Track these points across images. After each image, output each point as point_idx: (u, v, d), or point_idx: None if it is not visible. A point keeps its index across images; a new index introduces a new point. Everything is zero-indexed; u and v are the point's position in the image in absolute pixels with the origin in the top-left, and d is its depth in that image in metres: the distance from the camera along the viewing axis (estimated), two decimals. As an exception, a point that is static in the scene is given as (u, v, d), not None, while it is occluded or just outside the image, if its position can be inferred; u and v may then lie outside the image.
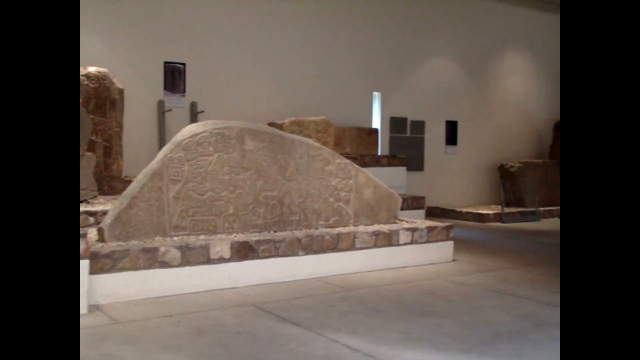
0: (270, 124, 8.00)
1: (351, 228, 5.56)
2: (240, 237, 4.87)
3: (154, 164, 4.73)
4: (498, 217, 9.98)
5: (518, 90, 12.35)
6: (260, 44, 8.92)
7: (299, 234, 5.12)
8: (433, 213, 10.48)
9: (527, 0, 12.23)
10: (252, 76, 8.87)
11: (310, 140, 5.65)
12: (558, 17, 12.74)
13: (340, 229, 5.46)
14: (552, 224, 9.91)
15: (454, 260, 6.01)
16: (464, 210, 10.37)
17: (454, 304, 4.25)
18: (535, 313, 4.04)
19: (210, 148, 4.97)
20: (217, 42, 8.54)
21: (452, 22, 11.14)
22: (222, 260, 4.58)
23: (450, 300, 4.38)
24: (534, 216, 10.33)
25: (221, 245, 4.59)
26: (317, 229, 5.43)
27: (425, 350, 3.21)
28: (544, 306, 4.25)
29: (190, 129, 5.02)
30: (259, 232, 5.12)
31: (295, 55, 9.26)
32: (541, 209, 10.57)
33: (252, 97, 8.84)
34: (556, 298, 4.48)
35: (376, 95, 10.23)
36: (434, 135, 11.01)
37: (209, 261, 4.51)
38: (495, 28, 11.81)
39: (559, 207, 10.86)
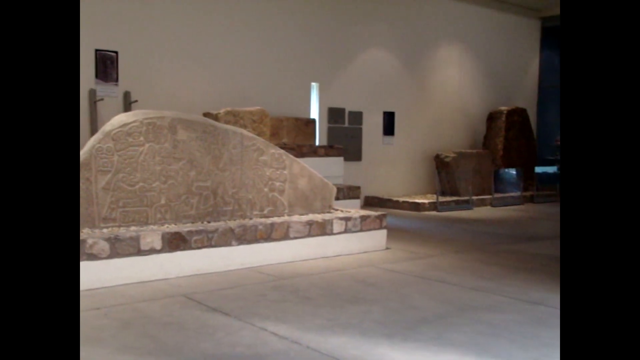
0: (206, 114, 7.93)
1: (285, 218, 5.60)
2: (172, 227, 4.83)
3: (81, 154, 4.62)
4: (433, 206, 10.23)
5: (453, 82, 12.67)
6: (196, 33, 8.80)
7: (233, 224, 5.12)
8: (371, 202, 10.66)
9: (462, -5, 12.54)
10: (188, 65, 8.74)
11: (244, 131, 5.65)
12: (492, 10, 13.13)
13: (275, 219, 5.49)
14: (484, 212, 10.25)
15: (387, 248, 6.15)
16: (401, 199, 10.58)
17: (383, 291, 4.37)
18: (460, 298, 4.20)
19: (141, 138, 4.89)
20: (150, 30, 8.36)
21: (389, 14, 11.30)
22: (153, 251, 4.53)
23: (379, 287, 4.50)
24: (467, 205, 10.66)
25: (152, 236, 4.54)
26: (251, 219, 5.44)
27: (351, 335, 3.29)
28: (469, 291, 4.42)
29: (120, 118, 4.93)
30: (192, 222, 5.10)
31: (232, 45, 9.18)
32: (474, 197, 10.91)
33: (187, 86, 8.72)
34: (481, 283, 4.67)
35: (314, 86, 10.28)
36: (372, 125, 11.18)
37: (139, 252, 4.46)
38: (431, 20, 12.06)
39: (490, 196, 11.25)
